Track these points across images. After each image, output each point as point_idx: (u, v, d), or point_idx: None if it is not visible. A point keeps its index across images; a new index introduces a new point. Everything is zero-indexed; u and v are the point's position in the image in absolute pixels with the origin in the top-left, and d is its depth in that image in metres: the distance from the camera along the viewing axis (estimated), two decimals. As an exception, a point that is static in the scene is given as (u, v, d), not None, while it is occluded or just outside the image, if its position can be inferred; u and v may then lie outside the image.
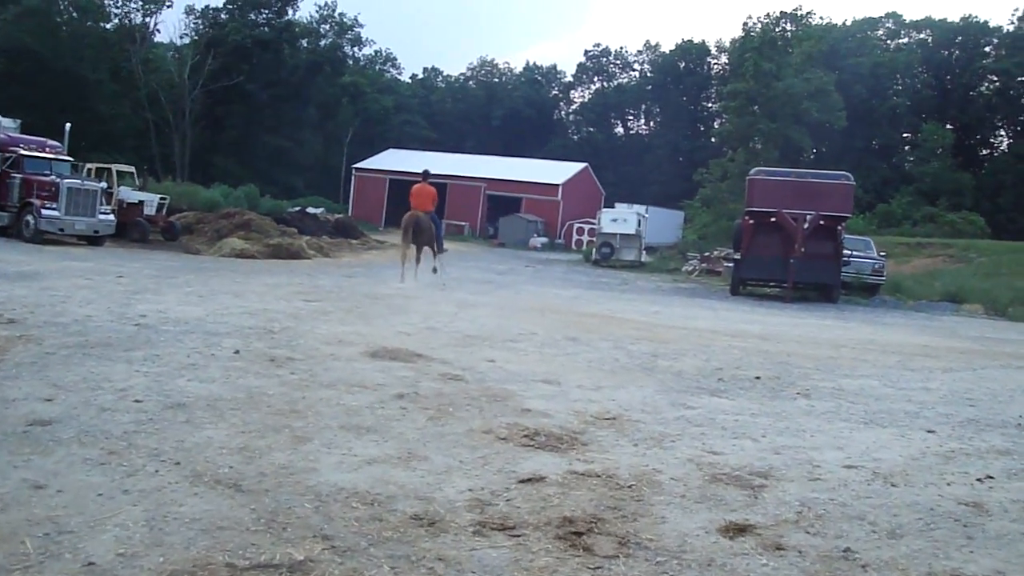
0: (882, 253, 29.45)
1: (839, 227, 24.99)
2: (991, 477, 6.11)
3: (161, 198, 30.61)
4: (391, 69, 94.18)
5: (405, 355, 9.41)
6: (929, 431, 7.57)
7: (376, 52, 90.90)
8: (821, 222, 24.22)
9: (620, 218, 40.25)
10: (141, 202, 29.20)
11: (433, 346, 10.33)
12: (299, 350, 9.31)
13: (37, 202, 23.75)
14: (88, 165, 29.90)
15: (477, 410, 7.16)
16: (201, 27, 69.52)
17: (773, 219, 24.58)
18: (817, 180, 25.43)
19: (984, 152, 79.51)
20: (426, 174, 20.48)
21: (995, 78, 76.60)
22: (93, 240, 25.00)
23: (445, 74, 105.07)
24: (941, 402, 9.04)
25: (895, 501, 5.42)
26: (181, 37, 70.04)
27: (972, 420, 8.18)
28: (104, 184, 27.14)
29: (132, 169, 31.73)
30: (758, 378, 9.73)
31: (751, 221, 25.27)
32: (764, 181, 25.45)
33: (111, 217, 25.75)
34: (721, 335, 14.12)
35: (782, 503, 5.23)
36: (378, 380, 8.04)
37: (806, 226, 24.12)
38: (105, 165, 30.48)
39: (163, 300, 12.89)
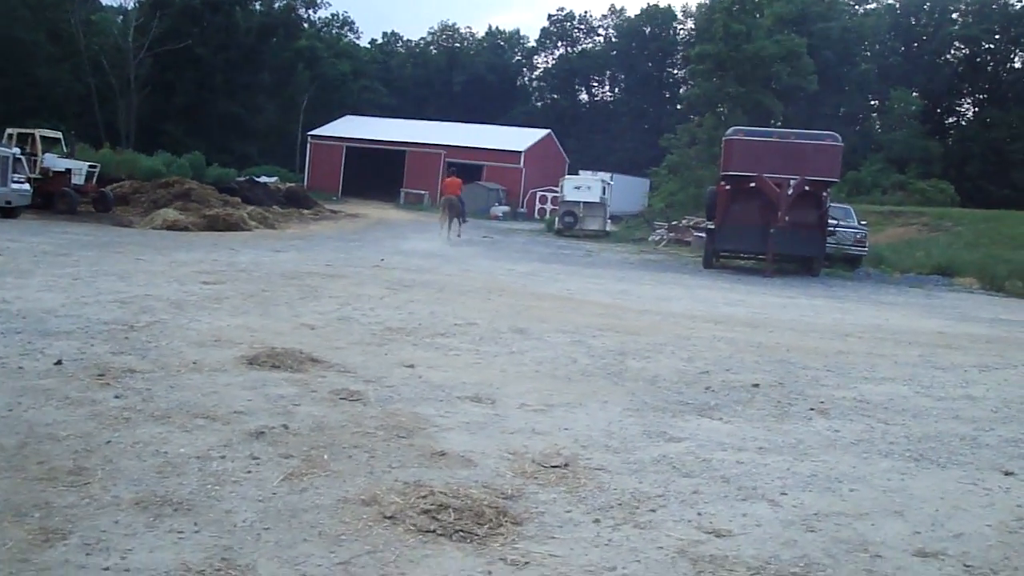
0: (863, 222, 27.24)
1: (824, 193, 22.73)
2: None
3: (91, 166, 28.32)
4: (348, 33, 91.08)
5: (295, 360, 7.08)
6: (1007, 473, 5.42)
7: (333, 15, 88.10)
8: (806, 188, 21.96)
9: (584, 185, 37.99)
10: (68, 170, 26.92)
11: (339, 345, 8.03)
12: (151, 357, 6.96)
13: None
14: (9, 130, 27.41)
15: (366, 456, 4.89)
16: (147, -14, 65.97)
17: (752, 184, 22.23)
18: (801, 141, 22.99)
19: (951, 120, 78.00)
20: (453, 169, 31.03)
21: (962, 45, 75.03)
22: (6, 211, 22.75)
23: (405, 39, 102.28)
24: (998, 419, 6.86)
25: (1027, 641, 3.26)
26: (126, -2, 66.57)
27: (1052, 450, 6.04)
28: (17, 150, 24.63)
29: (59, 135, 29.50)
30: (756, 386, 7.50)
31: (727, 187, 22.92)
32: (743, 142, 22.94)
33: (26, 186, 23.58)
34: (701, 321, 11.85)
35: (845, 656, 3.04)
36: (240, 404, 5.75)
37: (790, 192, 21.82)
38: (28, 131, 27.94)
39: (23, 285, 10.47)
